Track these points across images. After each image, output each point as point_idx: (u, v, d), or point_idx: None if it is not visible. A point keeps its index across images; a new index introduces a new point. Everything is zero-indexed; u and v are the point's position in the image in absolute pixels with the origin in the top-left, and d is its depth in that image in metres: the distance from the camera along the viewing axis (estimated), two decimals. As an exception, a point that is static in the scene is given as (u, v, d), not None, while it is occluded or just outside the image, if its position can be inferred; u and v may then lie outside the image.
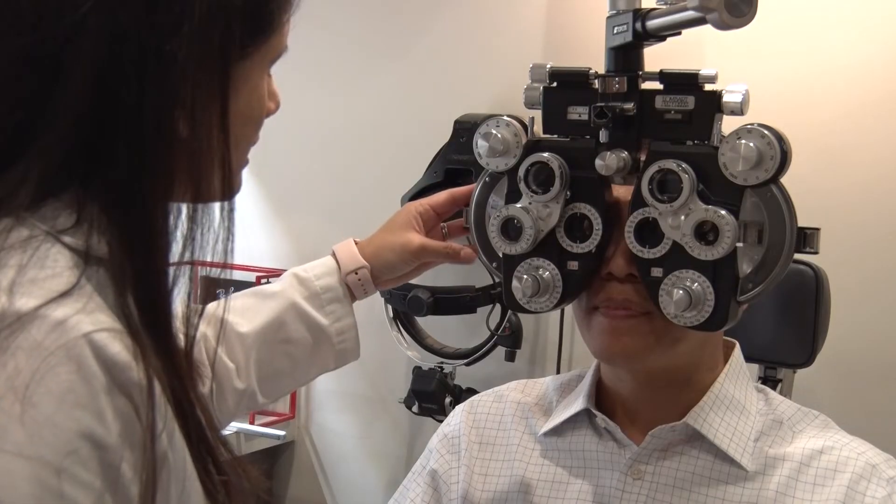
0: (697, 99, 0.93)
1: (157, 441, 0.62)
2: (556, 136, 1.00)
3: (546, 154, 0.97)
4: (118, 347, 0.61)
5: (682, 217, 0.92)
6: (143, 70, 0.63)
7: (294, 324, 1.05)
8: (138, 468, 0.61)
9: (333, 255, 1.10)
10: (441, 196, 1.11)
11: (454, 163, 2.06)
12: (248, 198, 2.52)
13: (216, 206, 0.71)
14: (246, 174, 0.78)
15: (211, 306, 0.97)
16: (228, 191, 0.71)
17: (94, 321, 0.61)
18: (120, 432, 0.60)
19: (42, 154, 0.64)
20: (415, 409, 2.17)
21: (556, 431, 1.06)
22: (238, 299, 1.07)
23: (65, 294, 0.61)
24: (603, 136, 0.97)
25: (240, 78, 0.69)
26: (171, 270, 0.69)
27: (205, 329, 0.94)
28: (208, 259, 0.71)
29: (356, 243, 1.11)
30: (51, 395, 0.58)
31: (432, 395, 2.12)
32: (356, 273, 1.08)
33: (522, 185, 0.98)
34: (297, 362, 1.07)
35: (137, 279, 0.66)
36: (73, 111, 0.63)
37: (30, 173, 0.64)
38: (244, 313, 1.05)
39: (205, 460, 0.68)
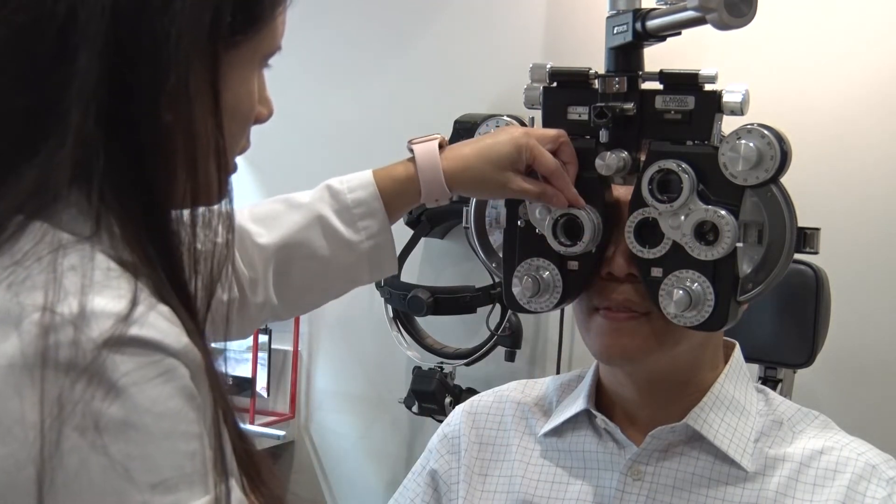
0: (697, 99, 0.93)
1: None
2: (556, 136, 1.00)
3: (546, 154, 0.97)
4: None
5: (682, 217, 0.92)
6: (138, 50, 0.61)
7: (319, 240, 0.97)
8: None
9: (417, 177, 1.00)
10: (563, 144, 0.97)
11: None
12: (248, 198, 2.52)
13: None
14: (246, 174, 0.76)
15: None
16: (223, 191, 0.69)
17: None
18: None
19: (60, 145, 0.60)
20: (415, 409, 2.17)
21: (556, 432, 1.05)
22: (264, 205, 1.01)
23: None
24: (603, 136, 0.97)
25: (229, 68, 0.67)
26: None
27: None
28: (210, 260, 0.69)
29: (441, 150, 0.99)
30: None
31: (432, 395, 2.12)
32: (437, 201, 0.99)
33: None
34: (322, 278, 1.00)
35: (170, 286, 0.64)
36: (86, 96, 0.60)
37: (51, 167, 0.60)
38: (266, 222, 0.99)
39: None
